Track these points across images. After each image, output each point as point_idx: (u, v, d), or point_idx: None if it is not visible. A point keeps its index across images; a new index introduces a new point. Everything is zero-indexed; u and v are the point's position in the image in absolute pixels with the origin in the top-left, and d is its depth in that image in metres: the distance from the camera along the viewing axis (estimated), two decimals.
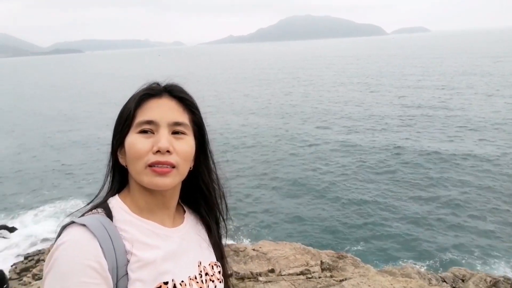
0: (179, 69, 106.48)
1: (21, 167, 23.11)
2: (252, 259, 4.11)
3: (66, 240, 0.64)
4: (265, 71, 76.16)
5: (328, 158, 20.33)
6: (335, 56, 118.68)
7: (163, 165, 0.73)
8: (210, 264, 0.87)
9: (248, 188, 17.63)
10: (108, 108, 40.91)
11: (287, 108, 34.57)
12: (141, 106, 0.78)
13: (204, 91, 51.08)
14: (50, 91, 64.81)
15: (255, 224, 14.47)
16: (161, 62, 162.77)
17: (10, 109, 47.11)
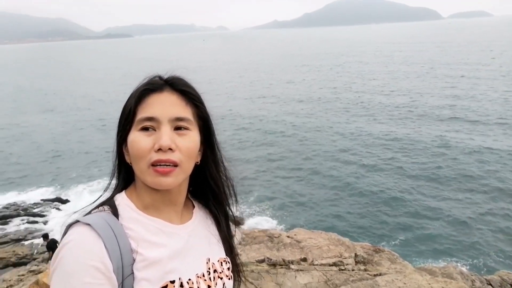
0: (221, 53, 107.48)
1: (73, 146, 24.83)
2: (285, 246, 4.12)
3: (71, 240, 0.64)
4: (308, 58, 74.66)
5: (370, 150, 19.69)
6: (384, 42, 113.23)
7: (165, 163, 0.71)
8: (219, 261, 0.86)
9: (287, 177, 17.63)
10: None
11: (330, 96, 33.75)
12: (142, 102, 0.76)
13: (245, 77, 51.24)
14: (100, 75, 68.40)
15: (292, 212, 14.49)
16: (205, 46, 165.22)
17: (65, 91, 50.44)
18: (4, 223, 15.38)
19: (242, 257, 3.59)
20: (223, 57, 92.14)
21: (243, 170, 18.70)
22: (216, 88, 43.03)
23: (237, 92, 39.76)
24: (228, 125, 26.41)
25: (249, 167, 19.11)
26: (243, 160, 19.92)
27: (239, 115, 29.29)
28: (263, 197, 15.86)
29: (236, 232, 4.29)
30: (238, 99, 35.71)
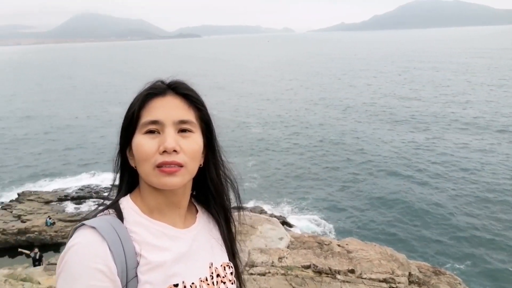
0: (284, 55, 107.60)
1: None
2: (333, 255, 4.02)
3: (76, 243, 0.66)
4: (375, 62, 71.58)
5: (438, 165, 18.27)
6: (463, 48, 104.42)
7: (171, 165, 0.72)
8: (222, 265, 0.86)
9: (344, 185, 17.12)
10: (214, 92, 43.94)
11: (394, 104, 31.87)
12: (145, 106, 0.77)
13: (304, 79, 50.71)
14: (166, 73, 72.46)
15: (347, 220, 14.05)
16: (269, 48, 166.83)
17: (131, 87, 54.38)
18: (78, 202, 17.19)
19: (288, 260, 3.58)
20: (286, 58, 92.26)
21: (299, 174, 18.59)
22: (275, 89, 43.27)
23: (297, 94, 39.51)
24: (283, 129, 26.41)
25: (304, 171, 18.93)
26: (297, 165, 19.79)
27: (296, 119, 29.11)
28: (318, 202, 15.60)
29: (285, 234, 4.28)
30: (297, 102, 35.48)
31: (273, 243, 5.69)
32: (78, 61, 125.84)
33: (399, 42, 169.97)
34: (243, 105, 35.56)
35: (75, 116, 34.25)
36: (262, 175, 18.78)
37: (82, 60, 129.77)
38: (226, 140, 24.47)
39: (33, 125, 30.89)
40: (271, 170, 19.33)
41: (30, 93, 49.51)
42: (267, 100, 37.22)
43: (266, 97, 38.52)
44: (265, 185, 17.74)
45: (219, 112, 32.80)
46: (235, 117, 30.63)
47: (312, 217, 14.50)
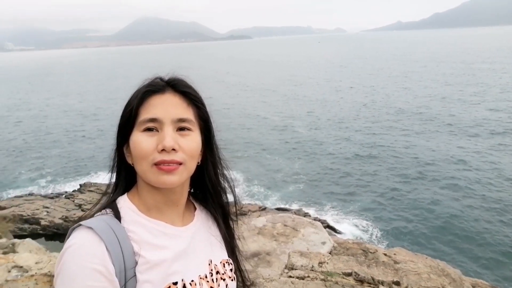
0: (335, 56, 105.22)
1: None
2: (378, 264, 3.85)
3: (73, 244, 0.66)
4: (432, 64, 67.39)
5: (503, 181, 16.66)
6: None
7: (169, 163, 0.72)
8: (222, 262, 0.86)
9: (393, 188, 16.36)
10: (261, 94, 44.10)
11: (452, 111, 29.58)
12: (144, 103, 0.76)
13: (353, 83, 49.13)
14: (216, 74, 74.36)
15: (397, 228, 13.38)
16: (319, 48, 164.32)
17: (197, 83, 56.23)
18: None
19: (329, 266, 3.49)
20: (336, 59, 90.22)
21: (346, 178, 18.08)
22: (323, 91, 42.45)
23: (346, 96, 38.42)
24: (331, 132, 25.82)
25: (351, 175, 18.36)
26: (343, 169, 19.25)
27: (345, 122, 28.32)
28: (365, 208, 15.05)
29: (328, 239, 4.17)
30: (346, 105, 34.51)
31: (315, 247, 5.59)
32: (136, 63, 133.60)
33: (463, 41, 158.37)
34: (290, 107, 35.40)
35: None
36: (307, 178, 18.54)
37: (139, 62, 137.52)
38: (273, 141, 24.55)
39: (100, 121, 33.35)
40: (317, 173, 19.00)
41: (96, 91, 53.50)
42: (315, 102, 36.68)
43: (314, 99, 37.97)
44: (310, 187, 17.49)
45: (266, 113, 32.98)
46: (282, 119, 30.58)
47: (359, 222, 14.02)
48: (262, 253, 5.70)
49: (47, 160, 22.82)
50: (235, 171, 11.89)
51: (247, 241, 6.09)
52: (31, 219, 13.92)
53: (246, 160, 21.33)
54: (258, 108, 35.46)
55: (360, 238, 12.29)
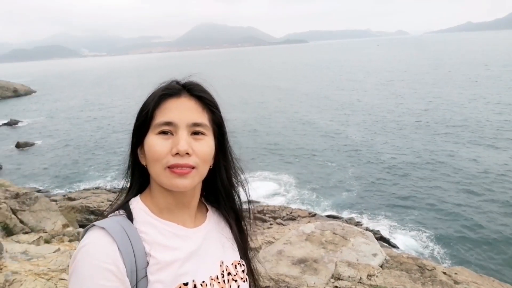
0: (394, 60, 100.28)
1: (243, 137, 28.04)
2: (434, 283, 3.56)
3: (86, 244, 0.67)
4: (507, 69, 61.30)
5: None
6: None
7: (183, 167, 0.73)
8: (233, 264, 0.86)
9: (458, 204, 15.12)
10: (314, 100, 43.39)
11: None
12: (160, 106, 0.77)
13: (413, 89, 46.37)
14: (275, 75, 74.78)
15: (461, 245, 12.32)
16: (378, 52, 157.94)
17: (252, 87, 57.30)
18: None
19: (378, 279, 3.31)
20: (395, 63, 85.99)
21: (403, 188, 17.10)
22: (379, 97, 40.65)
23: (405, 104, 36.40)
24: (387, 140, 24.61)
25: (409, 185, 17.33)
26: (400, 178, 18.23)
27: (401, 131, 26.84)
28: (424, 220, 14.10)
29: (380, 251, 3.96)
30: (404, 112, 32.68)
31: (365, 259, 5.36)
32: (193, 66, 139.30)
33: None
34: (344, 113, 34.47)
35: None
36: (361, 185, 17.86)
37: (196, 65, 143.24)
38: (326, 147, 24.07)
39: None
40: (371, 181, 18.22)
41: None
42: (371, 108, 35.28)
43: (370, 105, 36.53)
44: (364, 196, 16.81)
45: (319, 119, 32.44)
46: (336, 125, 29.88)
47: (416, 236, 13.15)
48: (309, 260, 5.58)
49: (114, 156, 24.65)
50: (286, 174, 11.99)
51: (294, 247, 6.00)
52: (96, 211, 15.11)
53: (298, 165, 21.15)
54: (311, 113, 35.02)
55: (418, 253, 11.51)
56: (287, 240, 6.36)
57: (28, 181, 20.50)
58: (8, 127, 36.94)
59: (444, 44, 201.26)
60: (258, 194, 17.96)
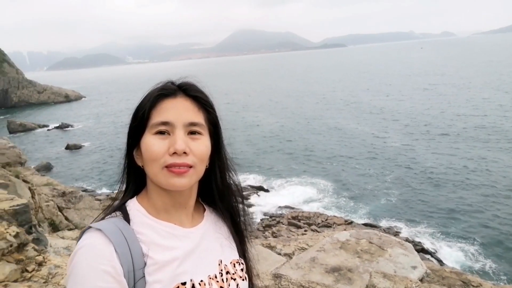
0: (439, 63, 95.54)
1: (280, 142, 28.04)
2: None
3: (83, 245, 0.67)
4: None
5: None
6: None
7: (180, 166, 0.73)
8: (232, 262, 0.86)
9: (510, 214, 14.04)
10: (350, 106, 42.35)
11: None
12: (156, 106, 0.77)
13: (455, 94, 43.80)
14: (311, 80, 74.06)
15: None
16: (421, 55, 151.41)
17: (287, 92, 57.28)
18: None
19: None
20: (440, 67, 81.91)
21: (447, 196, 16.18)
22: (422, 102, 38.86)
23: (448, 109, 34.50)
24: (426, 146, 23.41)
25: (453, 194, 16.36)
26: (444, 186, 17.25)
27: (444, 137, 25.42)
28: (471, 232, 13.21)
29: (420, 264, 3.75)
30: (448, 118, 30.96)
31: (403, 271, 5.10)
32: (230, 71, 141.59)
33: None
34: (383, 118, 33.36)
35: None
36: (400, 193, 17.13)
37: (233, 70, 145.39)
38: (364, 152, 23.39)
39: None
40: (412, 189, 17.42)
41: None
42: (411, 113, 33.85)
43: (410, 111, 35.07)
44: (404, 204, 16.09)
45: (357, 124, 31.62)
46: (375, 130, 28.98)
47: (463, 248, 12.35)
48: (343, 268, 5.40)
49: None
50: (323, 180, 11.82)
51: (328, 254, 5.85)
52: None
53: (335, 171, 20.73)
54: (347, 118, 34.26)
55: (463, 268, 10.80)
56: (320, 247, 6.21)
57: (75, 180, 21.80)
58: (59, 130, 39.63)
59: (494, 46, 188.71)
60: (294, 200, 17.78)
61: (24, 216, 3.84)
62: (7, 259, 3.09)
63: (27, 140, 35.12)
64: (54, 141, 34.50)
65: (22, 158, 8.39)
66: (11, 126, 40.01)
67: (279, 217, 15.65)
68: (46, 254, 3.37)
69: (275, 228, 14.07)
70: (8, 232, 3.30)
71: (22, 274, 3.04)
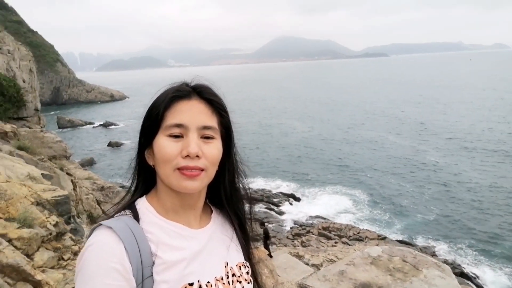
0: (490, 76, 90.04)
1: (315, 151, 27.68)
2: None
3: (93, 242, 0.68)
4: None
5: None
6: None
7: (192, 169, 0.73)
8: (238, 265, 0.86)
9: None
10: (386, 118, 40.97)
11: None
12: (170, 108, 0.76)
13: (500, 108, 40.95)
14: (350, 90, 72.61)
15: None
16: (470, 67, 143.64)
17: (324, 100, 56.63)
18: (250, 202, 19.23)
19: None
20: (489, 80, 77.20)
21: (486, 216, 15.15)
22: (472, 117, 36.79)
23: (499, 127, 32.37)
24: (469, 163, 22.05)
25: (494, 215, 15.27)
26: (486, 206, 16.15)
27: (491, 155, 23.82)
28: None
29: None
30: (487, 135, 29.01)
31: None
32: (266, 77, 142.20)
33: None
34: (424, 131, 31.99)
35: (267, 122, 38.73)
36: (439, 210, 16.26)
37: (269, 77, 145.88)
38: (402, 166, 22.53)
39: None
40: (452, 208, 16.47)
41: (251, 103, 58.89)
42: (455, 128, 32.14)
43: (455, 126, 33.29)
44: (442, 222, 15.25)
45: (395, 137, 30.54)
46: (415, 144, 27.84)
47: (508, 273, 11.47)
48: (373, 285, 5.19)
49: None
50: (358, 191, 11.53)
51: (358, 269, 5.65)
52: None
53: (371, 182, 20.11)
54: (385, 131, 33.17)
55: None
56: (350, 261, 6.02)
57: (113, 176, 22.80)
58: (104, 128, 41.78)
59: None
60: (326, 210, 17.43)
61: (64, 207, 4.05)
62: (46, 247, 3.26)
63: (73, 136, 37.35)
64: (98, 138, 36.40)
65: (68, 152, 8.90)
66: (61, 122, 42.87)
67: (309, 226, 15.39)
68: (81, 245, 3.53)
69: (304, 237, 13.85)
70: (48, 221, 3.49)
71: (59, 262, 3.19)
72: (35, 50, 44.98)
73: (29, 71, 15.22)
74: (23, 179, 4.30)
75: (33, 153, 6.26)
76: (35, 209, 3.81)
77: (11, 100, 9.42)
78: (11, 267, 3.08)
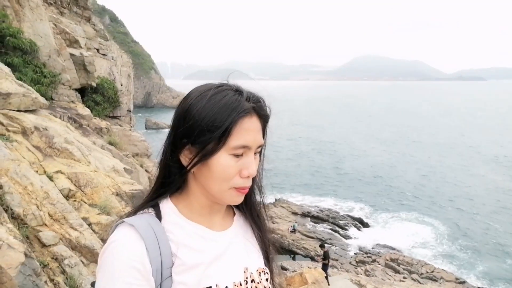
0: None
1: (390, 176, 26.04)
2: None
3: (115, 240, 0.68)
4: None
5: None
6: None
7: (247, 188, 0.76)
8: (258, 271, 0.84)
9: None
10: None
11: None
12: (237, 125, 0.72)
13: None
14: (436, 115, 66.95)
15: None
16: None
17: (407, 124, 53.35)
18: (316, 222, 18.76)
19: None
20: None
21: None
22: None
23: None
24: None
25: None
26: None
27: None
28: None
29: None
30: None
31: None
32: (356, 97, 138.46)
33: None
34: None
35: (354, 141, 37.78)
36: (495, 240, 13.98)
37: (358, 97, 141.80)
38: (490, 198, 20.08)
39: (312, 145, 36.38)
40: None
41: (327, 120, 58.76)
42: None
43: None
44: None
45: (486, 172, 27.29)
46: (507, 181, 24.56)
47: None
48: None
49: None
50: (436, 223, 10.61)
51: None
52: None
53: (451, 216, 18.22)
54: (473, 163, 29.91)
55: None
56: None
57: None
58: None
59: None
60: (396, 240, 16.17)
61: (139, 200, 4.41)
62: None
63: (156, 137, 40.67)
64: None
65: (149, 151, 9.70)
66: (148, 124, 47.56)
67: (376, 255, 14.41)
68: None
69: (369, 266, 13.00)
70: (124, 211, 3.81)
71: None
72: (135, 58, 50.57)
73: (128, 76, 17.08)
74: (108, 171, 4.78)
75: (120, 149, 6.95)
76: (114, 199, 4.20)
77: (109, 100, 10.63)
78: (87, 249, 3.42)
